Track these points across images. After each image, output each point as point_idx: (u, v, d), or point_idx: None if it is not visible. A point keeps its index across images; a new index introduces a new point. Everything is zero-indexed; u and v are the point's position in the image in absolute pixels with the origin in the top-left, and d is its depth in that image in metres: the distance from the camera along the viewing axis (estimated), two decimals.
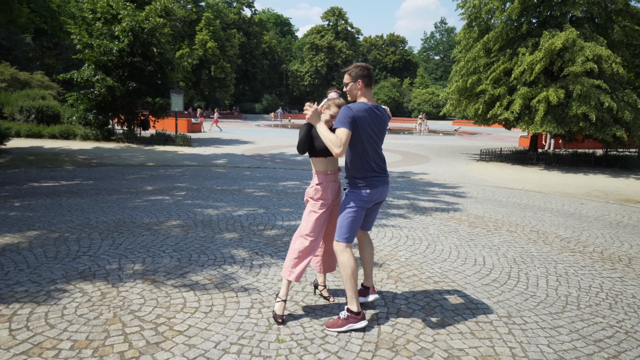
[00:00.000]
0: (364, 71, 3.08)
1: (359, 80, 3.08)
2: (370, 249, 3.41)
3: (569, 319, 3.39)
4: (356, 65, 3.12)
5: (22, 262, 4.12)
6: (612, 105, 12.48)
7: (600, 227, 6.47)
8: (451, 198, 8.42)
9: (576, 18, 15.02)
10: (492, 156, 16.62)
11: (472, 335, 3.07)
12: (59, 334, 2.88)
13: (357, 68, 3.10)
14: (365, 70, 3.08)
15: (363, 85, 3.09)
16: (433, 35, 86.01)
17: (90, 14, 17.55)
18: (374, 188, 3.10)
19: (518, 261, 4.74)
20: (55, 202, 6.74)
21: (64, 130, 18.14)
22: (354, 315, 3.07)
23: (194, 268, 4.14)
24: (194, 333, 2.96)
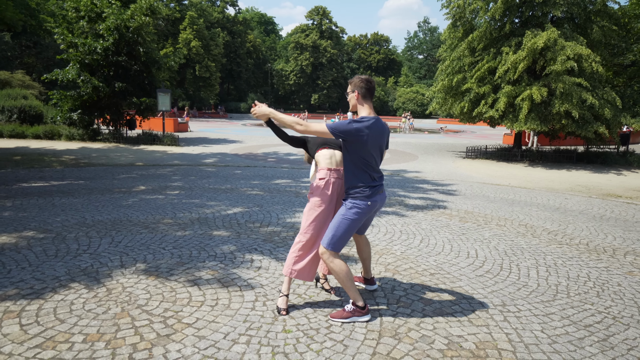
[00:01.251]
0: (362, 83, 3.18)
1: (356, 91, 3.20)
2: (367, 249, 3.59)
3: (560, 306, 3.56)
4: (359, 77, 3.23)
5: (24, 261, 4.13)
6: (593, 102, 12.85)
7: (585, 221, 6.71)
8: (441, 194, 8.60)
9: (557, 18, 15.41)
10: (478, 153, 16.93)
11: (469, 323, 3.22)
12: (69, 328, 2.94)
13: (358, 79, 3.21)
14: (363, 82, 3.18)
15: (360, 96, 3.19)
16: (416, 35, 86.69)
17: (74, 12, 17.33)
18: (373, 198, 3.17)
19: (509, 253, 4.91)
20: (48, 202, 6.71)
21: (48, 130, 17.88)
22: (359, 309, 3.18)
23: (195, 264, 4.21)
24: (203, 325, 3.04)
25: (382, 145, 3.21)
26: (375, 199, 3.18)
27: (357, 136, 3.04)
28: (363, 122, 3.06)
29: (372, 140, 3.08)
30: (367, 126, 3.05)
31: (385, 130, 3.22)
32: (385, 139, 3.23)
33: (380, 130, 3.14)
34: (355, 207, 3.12)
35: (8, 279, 3.71)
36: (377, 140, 3.13)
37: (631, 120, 13.95)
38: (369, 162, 3.13)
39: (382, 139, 3.19)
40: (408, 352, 2.80)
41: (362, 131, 3.04)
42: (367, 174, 3.14)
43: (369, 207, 3.15)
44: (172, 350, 2.72)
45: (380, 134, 3.15)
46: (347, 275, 3.15)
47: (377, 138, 3.12)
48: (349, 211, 3.13)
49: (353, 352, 2.78)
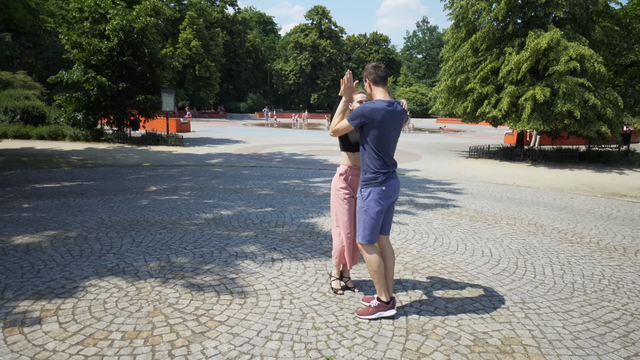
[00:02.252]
0: (372, 69, 3.22)
1: (366, 79, 3.26)
2: (391, 259, 3.37)
3: (578, 303, 3.65)
4: (369, 65, 3.29)
5: (50, 261, 4.21)
6: (595, 102, 12.97)
7: (593, 220, 6.82)
8: (448, 194, 8.70)
9: (559, 18, 15.52)
10: (481, 153, 17.04)
11: (492, 320, 3.31)
12: (107, 325, 3.02)
13: (368, 67, 3.27)
14: (373, 68, 3.22)
15: (372, 83, 3.24)
16: (415, 34, 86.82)
17: (78, 12, 17.39)
18: (388, 184, 3.22)
19: (522, 252, 5.01)
20: (63, 203, 6.79)
21: (52, 131, 17.94)
22: (384, 304, 3.27)
23: (218, 264, 4.30)
24: (235, 323, 3.13)
25: (397, 129, 3.22)
26: (389, 183, 3.21)
27: (372, 117, 3.08)
28: (377, 103, 3.12)
29: (388, 122, 3.11)
30: (381, 107, 3.08)
31: (401, 114, 3.20)
32: (401, 123, 3.22)
33: (395, 114, 3.15)
34: (371, 194, 3.19)
35: (39, 278, 3.79)
36: (393, 123, 3.15)
37: (633, 119, 14.08)
38: (386, 147, 3.16)
39: (398, 122, 3.19)
40: (437, 347, 2.89)
41: (376, 112, 3.07)
42: (381, 160, 3.17)
43: (385, 192, 3.20)
44: (209, 347, 2.80)
45: (396, 117, 3.16)
46: (379, 268, 3.22)
47: (393, 120, 3.14)
48: (367, 202, 3.20)
49: (384, 348, 2.87)
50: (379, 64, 3.24)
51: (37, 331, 2.93)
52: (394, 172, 3.26)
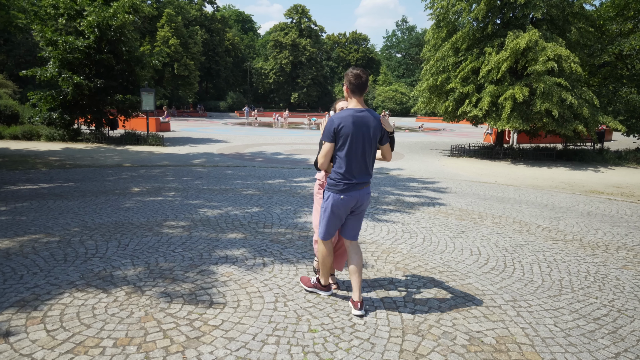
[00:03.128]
0: (352, 77, 3.15)
1: (345, 84, 3.23)
2: (355, 260, 3.32)
3: (567, 300, 3.72)
4: (351, 70, 3.20)
5: (33, 266, 4.07)
6: (572, 101, 13.29)
7: (574, 217, 6.98)
8: (433, 193, 8.78)
9: (537, 19, 15.83)
10: (462, 152, 17.27)
11: (486, 319, 3.34)
12: (97, 332, 2.93)
13: (349, 73, 3.18)
14: (353, 77, 3.14)
15: (349, 90, 3.20)
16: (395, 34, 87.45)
17: (52, 9, 16.90)
18: (348, 194, 3.17)
19: (509, 250, 5.09)
20: (43, 205, 6.59)
21: (27, 130, 17.42)
22: (321, 286, 3.65)
23: (208, 266, 4.23)
24: (230, 327, 3.08)
25: (367, 140, 3.12)
26: (350, 194, 3.17)
27: (335, 130, 3.08)
28: (344, 112, 3.11)
29: (355, 132, 3.07)
30: (347, 116, 3.08)
31: (371, 124, 3.12)
32: (369, 132, 3.13)
33: (361, 122, 3.08)
34: (329, 198, 3.23)
35: (22, 284, 3.66)
36: (360, 133, 3.08)
37: (607, 118, 14.48)
38: (350, 157, 3.11)
39: (367, 132, 3.10)
40: (433, 348, 2.90)
41: (343, 120, 3.06)
42: (345, 169, 3.13)
43: (342, 202, 3.17)
44: (205, 352, 2.75)
45: (364, 127, 3.09)
46: (324, 261, 3.46)
47: (360, 130, 3.08)
48: (324, 202, 3.29)
49: (381, 349, 2.86)
50: (361, 74, 3.15)
51: (23, 340, 2.82)
52: (359, 185, 3.19)
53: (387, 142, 3.28)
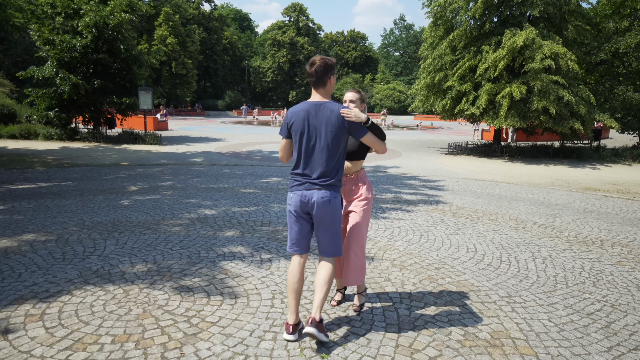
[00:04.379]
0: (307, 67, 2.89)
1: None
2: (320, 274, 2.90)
3: (562, 296, 3.76)
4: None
5: (32, 264, 4.09)
6: (569, 99, 13.34)
7: (570, 214, 7.02)
8: (430, 190, 8.82)
9: (534, 17, 15.87)
10: (459, 149, 17.32)
11: (481, 314, 3.38)
12: (95, 329, 2.96)
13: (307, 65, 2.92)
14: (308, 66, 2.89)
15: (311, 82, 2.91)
16: (392, 32, 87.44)
17: (49, 8, 16.88)
18: (295, 191, 2.90)
19: (505, 247, 5.13)
20: (41, 204, 6.60)
21: (24, 129, 17.40)
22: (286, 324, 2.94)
23: (206, 264, 4.25)
24: (227, 323, 3.10)
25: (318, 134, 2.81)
26: (297, 193, 2.86)
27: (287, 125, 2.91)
28: (298, 105, 2.90)
29: (302, 127, 2.83)
30: (300, 110, 2.86)
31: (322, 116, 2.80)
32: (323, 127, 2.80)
33: (313, 116, 2.81)
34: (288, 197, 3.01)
35: (21, 282, 3.68)
36: (309, 128, 2.82)
37: (603, 116, 14.53)
38: (301, 152, 2.86)
39: (317, 126, 2.81)
40: (428, 343, 2.94)
41: (294, 114, 2.87)
42: (295, 164, 2.92)
43: (291, 200, 2.89)
44: (202, 348, 2.78)
45: (314, 121, 2.81)
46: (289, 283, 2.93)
47: (298, 124, 2.84)
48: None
49: (377, 345, 2.89)
50: (312, 63, 2.85)
51: (22, 337, 2.84)
52: (310, 184, 2.84)
53: (365, 134, 2.85)
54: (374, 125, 2.89)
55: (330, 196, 2.83)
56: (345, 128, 2.82)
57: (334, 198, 2.85)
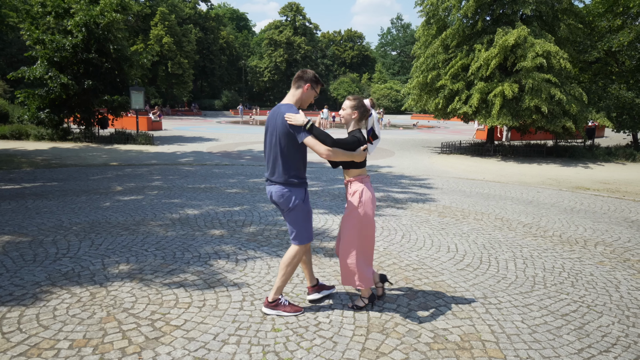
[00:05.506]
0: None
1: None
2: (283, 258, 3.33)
3: (538, 297, 3.70)
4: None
5: (0, 267, 4.01)
6: (561, 98, 13.28)
7: (557, 213, 6.96)
8: (419, 190, 8.75)
9: (526, 16, 15.82)
10: (453, 149, 17.26)
11: (454, 316, 3.31)
12: (54, 334, 2.88)
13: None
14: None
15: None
16: (390, 31, 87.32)
17: (40, 7, 16.76)
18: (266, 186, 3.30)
19: (487, 247, 5.06)
20: (21, 205, 6.52)
21: (15, 130, 17.28)
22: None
23: (180, 265, 4.18)
24: (191, 327, 3.03)
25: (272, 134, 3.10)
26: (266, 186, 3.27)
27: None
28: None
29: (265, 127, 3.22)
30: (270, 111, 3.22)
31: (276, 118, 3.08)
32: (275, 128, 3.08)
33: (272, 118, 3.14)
34: None
35: None
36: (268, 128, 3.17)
37: (596, 115, 14.48)
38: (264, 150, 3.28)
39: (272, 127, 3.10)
40: (396, 346, 2.87)
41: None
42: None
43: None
44: (162, 353, 2.71)
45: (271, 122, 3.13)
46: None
47: (266, 125, 3.21)
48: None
49: (343, 348, 2.83)
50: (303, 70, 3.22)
51: None
52: (269, 181, 3.19)
53: (305, 137, 2.96)
54: (314, 129, 2.99)
55: (284, 189, 3.11)
56: (289, 130, 3.01)
57: (288, 191, 3.11)
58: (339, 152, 3.05)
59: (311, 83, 3.15)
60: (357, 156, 3.12)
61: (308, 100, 3.21)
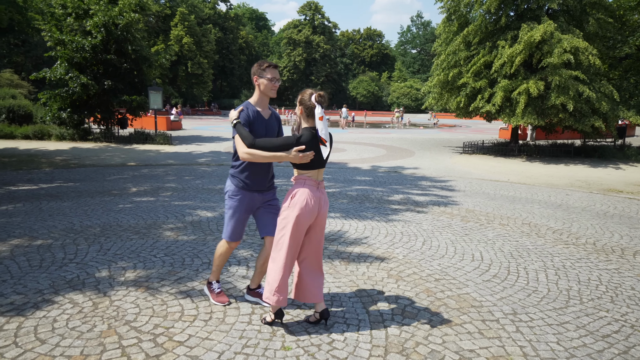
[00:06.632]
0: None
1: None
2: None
3: (574, 314, 3.37)
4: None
5: (5, 273, 3.89)
6: (590, 95, 12.71)
7: (589, 218, 6.55)
8: (440, 192, 8.41)
9: (552, 11, 15.23)
10: (475, 149, 16.77)
11: (480, 335, 3.02)
12: (51, 349, 2.71)
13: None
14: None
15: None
16: (409, 29, 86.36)
17: (61, 9, 16.94)
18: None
19: (515, 255, 4.73)
20: (35, 207, 6.45)
21: (37, 130, 17.51)
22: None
23: (188, 273, 3.99)
24: (195, 343, 2.82)
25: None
26: None
27: None
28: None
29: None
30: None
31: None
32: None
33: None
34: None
35: None
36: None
37: (628, 113, 13.83)
38: None
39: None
40: None
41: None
42: None
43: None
44: None
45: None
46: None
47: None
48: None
49: None
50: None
51: None
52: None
53: (234, 134, 3.01)
54: (237, 127, 2.95)
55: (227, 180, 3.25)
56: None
57: (227, 181, 3.23)
58: (257, 154, 2.86)
59: (256, 74, 3.06)
60: (290, 158, 2.84)
61: (268, 90, 3.07)
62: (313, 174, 2.95)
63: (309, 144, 2.86)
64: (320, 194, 2.97)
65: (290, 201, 2.90)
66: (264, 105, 3.16)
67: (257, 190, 3.18)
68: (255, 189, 3.17)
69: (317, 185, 2.96)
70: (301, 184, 2.93)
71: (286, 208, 2.91)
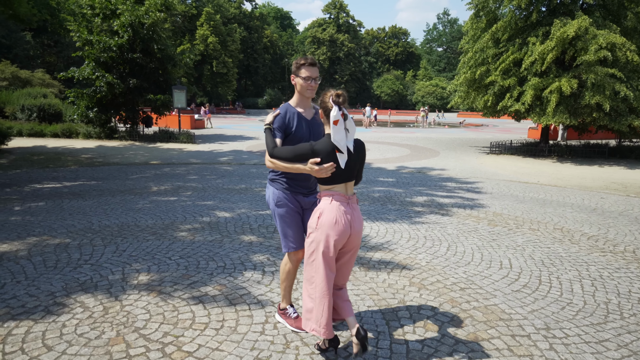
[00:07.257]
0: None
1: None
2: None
3: (614, 330, 3.10)
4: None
5: (20, 273, 3.86)
6: (628, 94, 12.11)
7: (627, 224, 6.16)
8: (466, 194, 8.11)
9: (587, 5, 14.60)
10: (503, 149, 16.27)
11: (510, 352, 2.79)
12: (57, 357, 2.62)
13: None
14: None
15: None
16: (436, 27, 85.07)
17: (89, 9, 17.25)
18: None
19: (547, 263, 4.44)
20: (57, 205, 6.49)
21: (66, 128, 17.91)
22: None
23: (202, 277, 3.87)
24: (205, 354, 2.69)
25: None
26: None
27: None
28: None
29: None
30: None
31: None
32: None
33: None
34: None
35: (0, 295, 3.43)
36: None
37: None
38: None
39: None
40: None
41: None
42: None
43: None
44: None
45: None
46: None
47: None
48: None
49: None
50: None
51: None
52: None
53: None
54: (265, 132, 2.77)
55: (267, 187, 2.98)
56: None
57: (266, 189, 2.97)
58: (278, 163, 2.62)
59: (293, 72, 2.82)
60: (308, 170, 2.52)
61: (304, 90, 2.77)
62: (340, 188, 2.57)
63: (325, 153, 2.49)
64: (352, 210, 2.58)
65: (317, 221, 2.54)
66: (305, 105, 2.86)
67: (300, 192, 2.87)
68: (298, 191, 2.86)
69: (348, 201, 2.57)
70: (328, 200, 2.56)
71: (314, 230, 2.55)
